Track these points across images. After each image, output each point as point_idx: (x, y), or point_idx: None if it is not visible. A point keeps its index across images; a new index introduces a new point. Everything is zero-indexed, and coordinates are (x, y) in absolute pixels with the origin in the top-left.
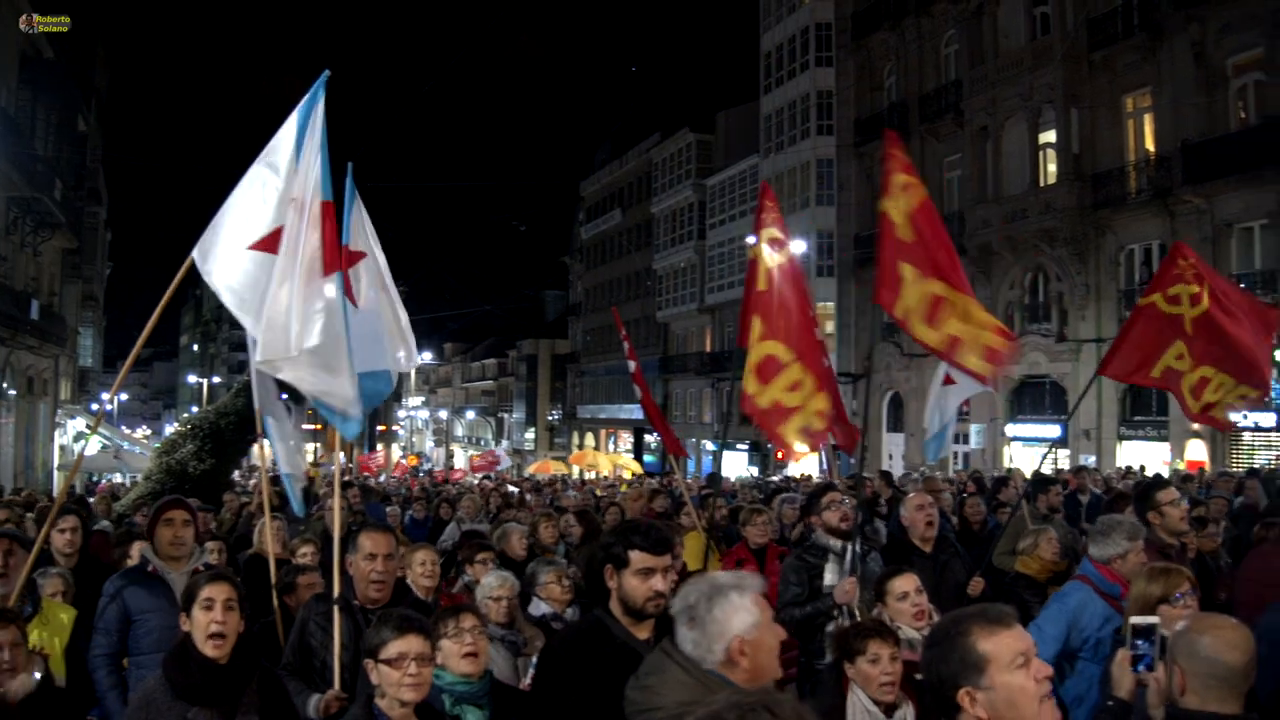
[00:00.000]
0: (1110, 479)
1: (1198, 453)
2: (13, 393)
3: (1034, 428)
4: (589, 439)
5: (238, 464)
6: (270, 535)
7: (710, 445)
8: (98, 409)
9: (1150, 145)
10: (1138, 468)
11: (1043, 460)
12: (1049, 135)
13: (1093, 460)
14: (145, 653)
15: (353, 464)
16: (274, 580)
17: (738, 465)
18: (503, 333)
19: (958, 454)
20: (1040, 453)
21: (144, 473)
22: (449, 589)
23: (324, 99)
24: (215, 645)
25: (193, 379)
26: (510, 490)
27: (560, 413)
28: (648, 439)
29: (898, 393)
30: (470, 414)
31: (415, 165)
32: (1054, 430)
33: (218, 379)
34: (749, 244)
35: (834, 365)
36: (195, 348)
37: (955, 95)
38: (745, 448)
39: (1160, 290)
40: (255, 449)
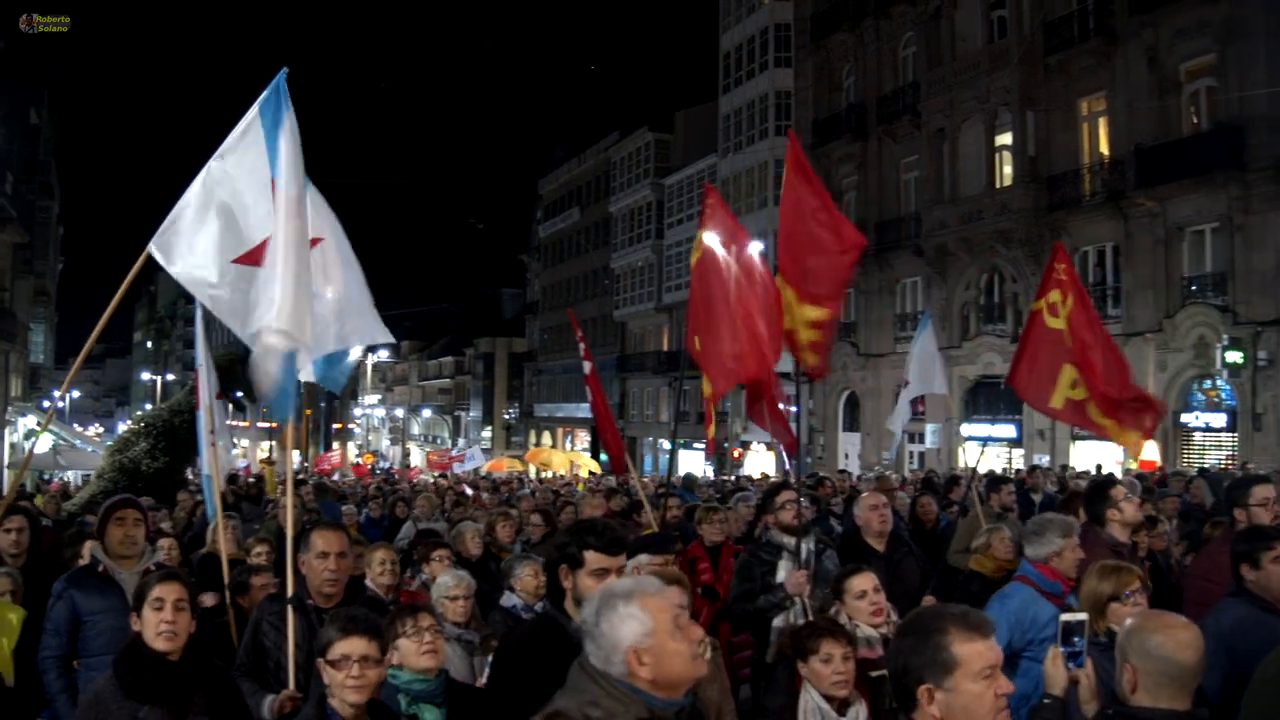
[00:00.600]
0: (1065, 478)
1: (1150, 453)
2: None
3: (989, 427)
4: (545, 438)
5: (192, 462)
6: (224, 535)
7: (666, 444)
8: (49, 406)
9: (1104, 148)
10: (1094, 468)
11: (978, 460)
12: (1005, 137)
13: (1047, 460)
14: (96, 654)
15: (308, 462)
16: (227, 580)
17: (693, 464)
18: (459, 331)
19: (913, 454)
20: (995, 452)
21: (96, 471)
22: (406, 587)
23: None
24: (166, 643)
25: (146, 376)
26: (465, 490)
27: (517, 411)
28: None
29: (854, 393)
30: (426, 412)
31: (373, 162)
32: (1009, 430)
33: (172, 376)
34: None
35: (789, 365)
36: (149, 345)
37: (913, 97)
38: (701, 447)
39: (1043, 295)
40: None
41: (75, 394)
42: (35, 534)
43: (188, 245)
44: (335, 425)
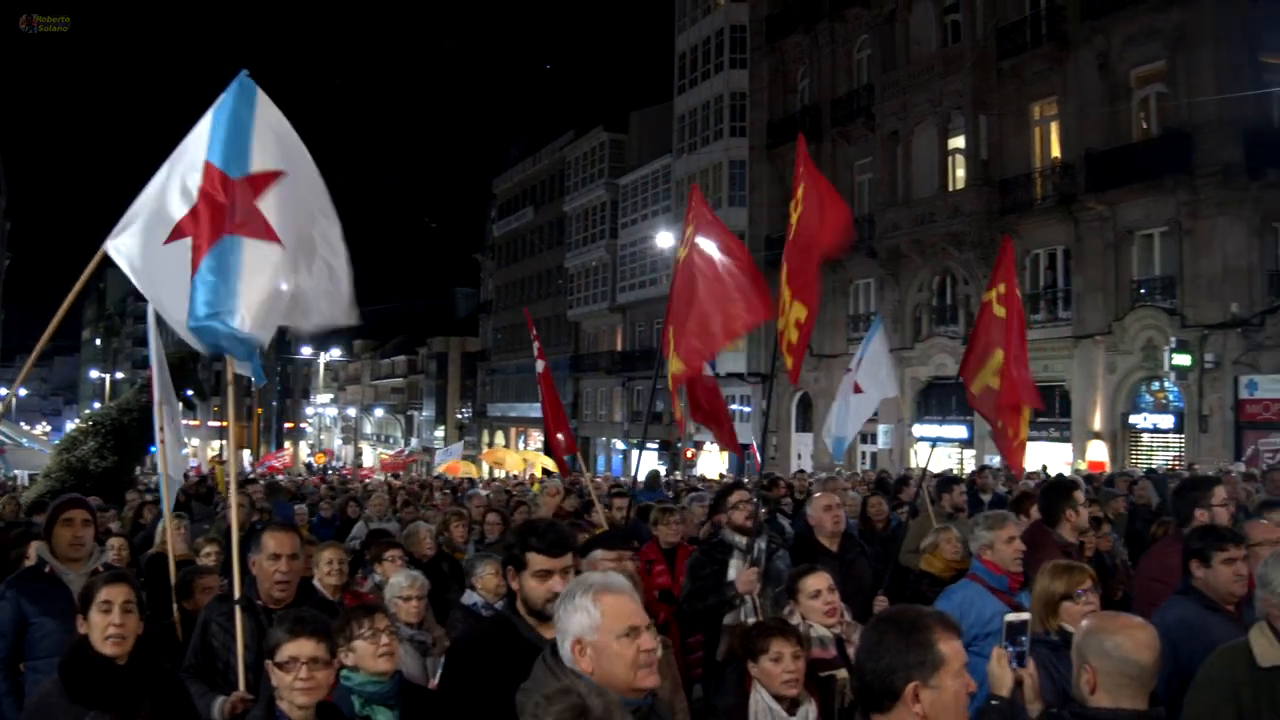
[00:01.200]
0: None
1: (1099, 454)
2: None
3: (940, 428)
4: (499, 437)
5: (141, 461)
6: (173, 535)
7: (620, 444)
8: None
9: (1056, 153)
10: (1040, 468)
11: (928, 459)
12: (958, 141)
13: (997, 460)
14: (42, 656)
15: (260, 463)
16: (174, 581)
17: (648, 465)
18: (413, 330)
19: (865, 454)
20: (946, 453)
21: (43, 470)
22: (358, 588)
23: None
24: (114, 647)
25: (95, 374)
26: (417, 490)
27: (470, 411)
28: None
29: (806, 393)
30: (379, 411)
31: (326, 159)
32: (960, 430)
33: (121, 374)
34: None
35: (744, 366)
36: (98, 342)
37: (867, 100)
38: (655, 447)
39: (994, 286)
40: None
41: (22, 392)
42: None
43: (134, 242)
44: (287, 425)
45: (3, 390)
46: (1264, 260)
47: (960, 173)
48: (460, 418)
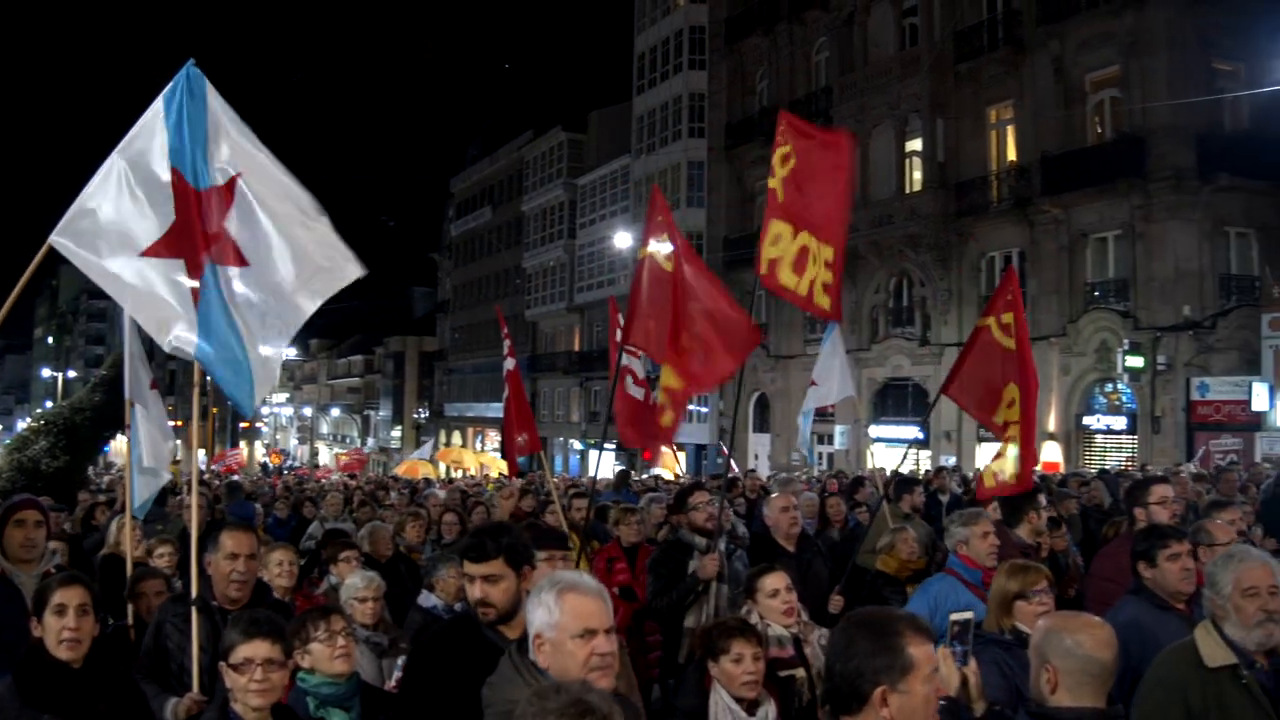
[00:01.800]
0: (970, 479)
1: (1053, 454)
2: None
3: (897, 429)
4: (456, 437)
5: (93, 461)
6: (130, 536)
7: (578, 444)
8: None
9: (1012, 156)
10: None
11: (901, 462)
12: (915, 143)
13: (953, 461)
14: None
15: (213, 463)
16: (129, 582)
17: (605, 464)
18: (369, 329)
19: (822, 455)
20: (901, 453)
21: None
22: (313, 589)
23: (206, 91)
24: (69, 651)
25: (47, 373)
26: (374, 490)
27: (427, 411)
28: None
29: (764, 394)
30: (335, 411)
31: (282, 157)
32: (915, 432)
33: (74, 373)
34: (652, 251)
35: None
36: (50, 340)
37: (825, 102)
38: (612, 447)
39: (994, 314)
40: (114, 445)
41: None
42: None
43: (93, 239)
44: (242, 424)
45: None
46: (1215, 264)
47: (917, 175)
48: (417, 418)
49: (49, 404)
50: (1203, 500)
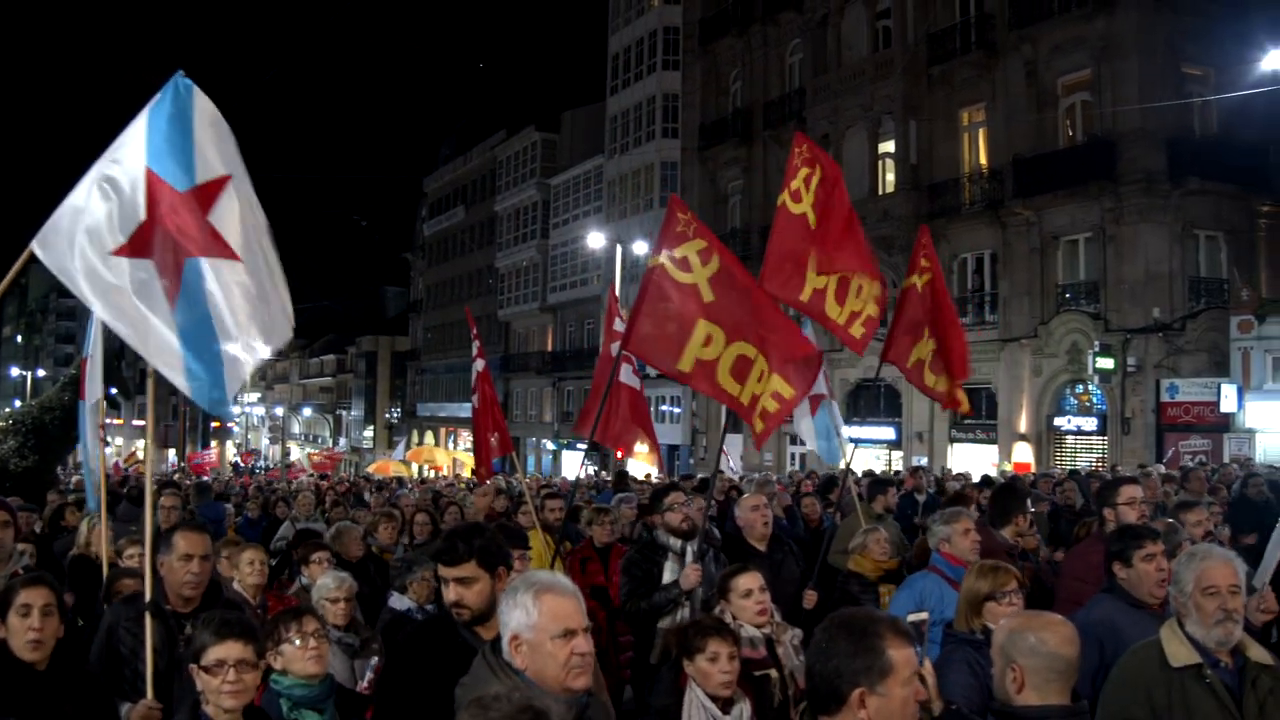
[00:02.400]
0: (943, 479)
1: (1024, 455)
2: None
3: (869, 429)
4: (428, 437)
5: (63, 461)
6: (103, 535)
7: (550, 445)
8: None
9: (984, 158)
10: (968, 470)
11: (888, 463)
12: (888, 145)
13: (925, 461)
14: None
15: (183, 463)
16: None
17: (575, 464)
18: (342, 329)
19: (794, 455)
20: (874, 454)
21: None
22: (284, 589)
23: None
24: (33, 652)
25: (16, 372)
26: (347, 490)
27: (399, 411)
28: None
29: None
30: (307, 411)
31: (255, 155)
32: (888, 432)
33: (43, 372)
34: (664, 261)
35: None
36: (19, 339)
37: (798, 103)
38: (584, 447)
39: (914, 273)
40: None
41: None
42: None
43: (69, 243)
44: (213, 424)
45: None
46: (1185, 266)
47: (890, 176)
48: (389, 417)
49: (17, 403)
50: (1171, 501)
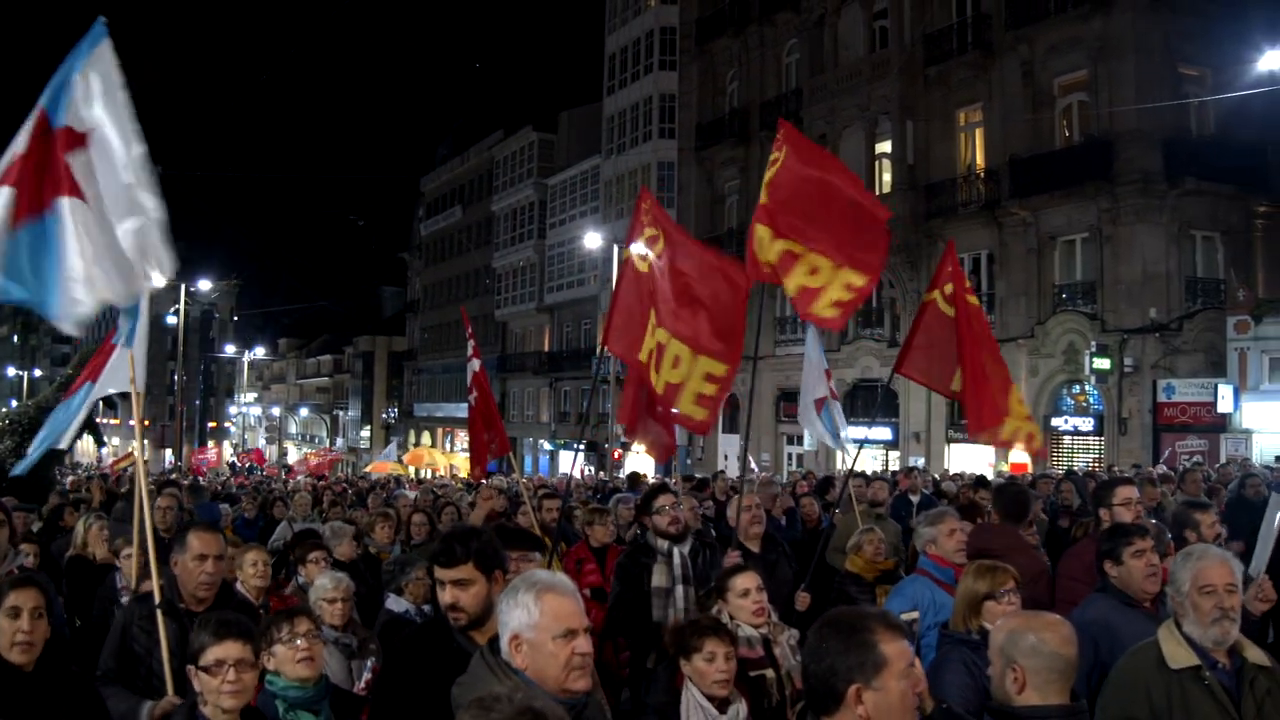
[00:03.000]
0: (939, 480)
1: (1021, 456)
2: None
3: (866, 430)
4: (425, 437)
5: (60, 461)
6: (98, 536)
7: (547, 445)
8: None
9: (980, 159)
10: (966, 470)
11: (887, 461)
12: (885, 145)
13: (921, 462)
14: None
15: (181, 461)
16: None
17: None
18: (339, 329)
19: (791, 455)
20: (871, 454)
21: None
22: (281, 590)
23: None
24: (21, 655)
25: (12, 372)
26: (344, 490)
27: (396, 411)
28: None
29: (734, 394)
30: (304, 411)
31: (253, 155)
32: (885, 433)
33: (39, 372)
34: (634, 252)
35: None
36: (15, 339)
37: (795, 103)
38: (581, 447)
39: (938, 287)
40: (80, 446)
41: None
42: None
43: None
44: (210, 424)
45: None
46: (1181, 266)
47: (887, 177)
48: (386, 417)
49: (14, 403)
50: (1167, 501)
